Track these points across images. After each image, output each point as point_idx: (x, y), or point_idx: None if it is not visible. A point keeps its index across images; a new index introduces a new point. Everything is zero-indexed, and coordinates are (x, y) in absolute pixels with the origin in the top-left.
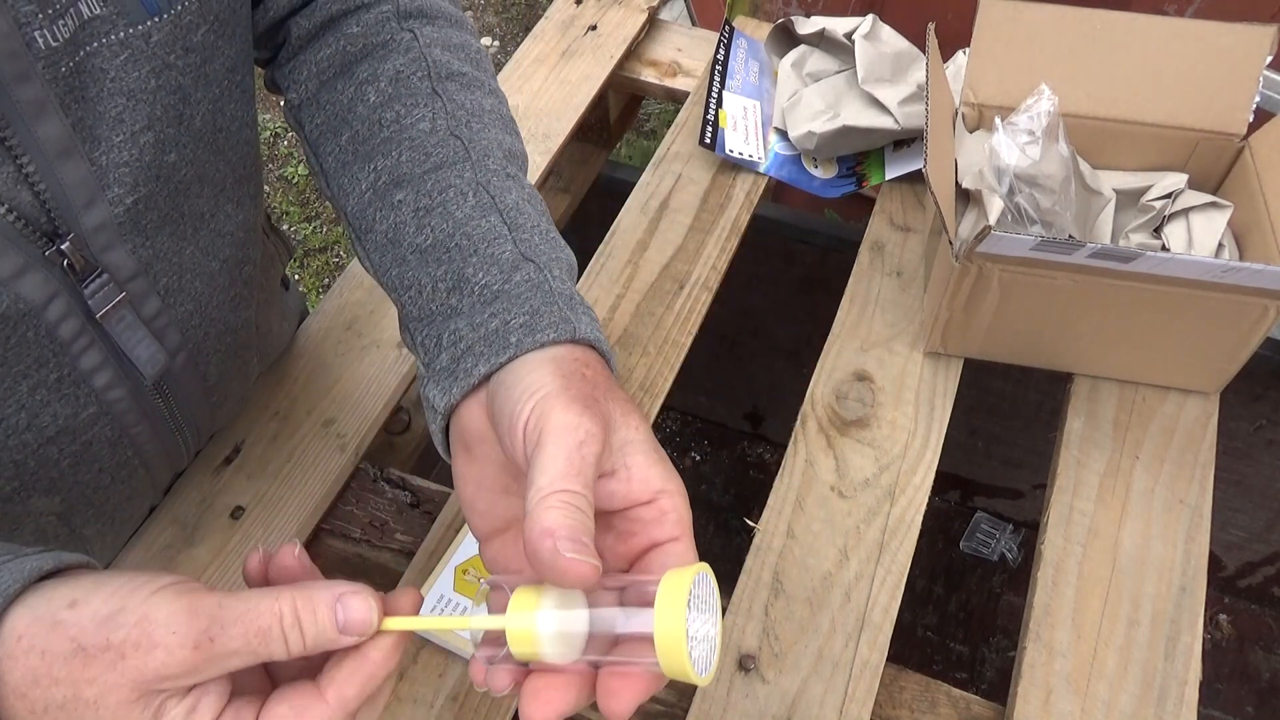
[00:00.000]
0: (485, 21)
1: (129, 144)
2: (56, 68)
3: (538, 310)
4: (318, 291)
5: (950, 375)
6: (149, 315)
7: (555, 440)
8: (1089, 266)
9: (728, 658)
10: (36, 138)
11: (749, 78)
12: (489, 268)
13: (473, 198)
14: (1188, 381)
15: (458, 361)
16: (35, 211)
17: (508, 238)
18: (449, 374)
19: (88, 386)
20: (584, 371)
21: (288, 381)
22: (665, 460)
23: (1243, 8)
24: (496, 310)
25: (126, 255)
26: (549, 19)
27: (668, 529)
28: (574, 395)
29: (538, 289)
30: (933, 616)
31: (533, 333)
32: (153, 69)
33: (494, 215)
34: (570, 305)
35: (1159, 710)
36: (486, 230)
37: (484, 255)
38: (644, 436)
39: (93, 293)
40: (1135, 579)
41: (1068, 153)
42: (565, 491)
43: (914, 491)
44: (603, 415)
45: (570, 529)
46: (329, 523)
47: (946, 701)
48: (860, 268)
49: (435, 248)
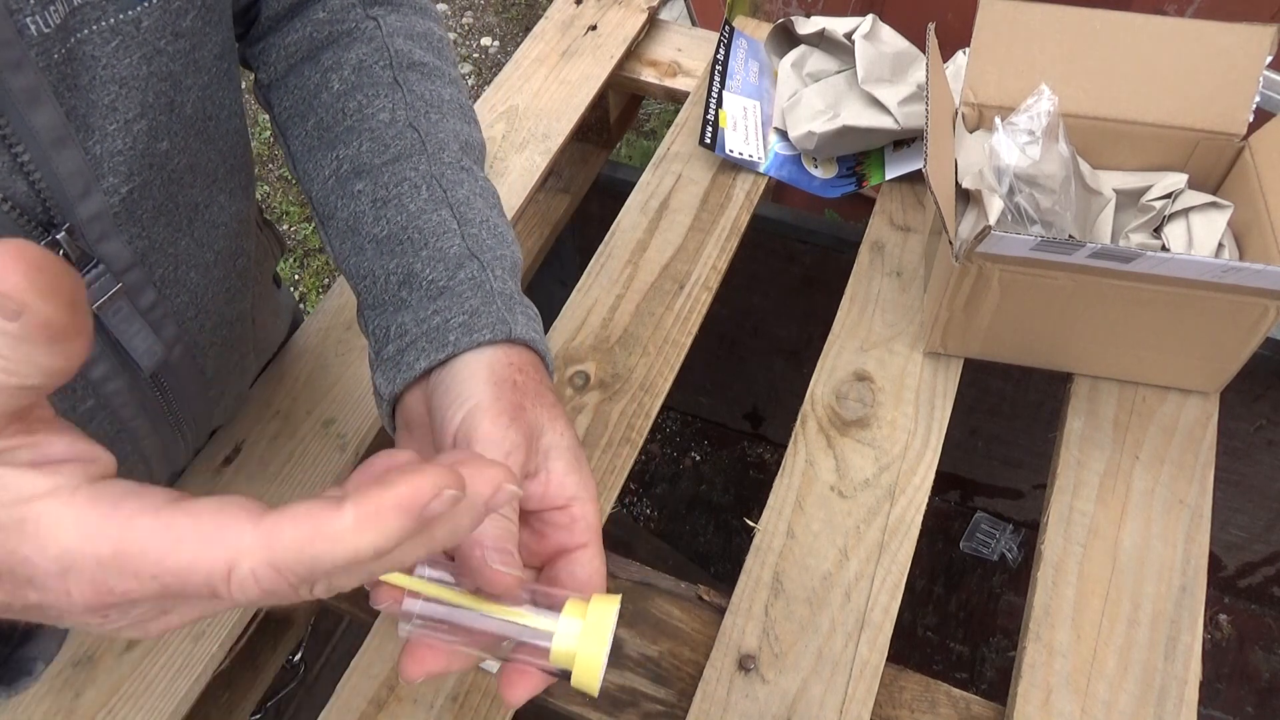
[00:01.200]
0: (485, 21)
1: (123, 132)
2: (49, 55)
3: (476, 310)
4: (317, 291)
5: (950, 375)
6: (145, 306)
7: (484, 450)
8: (1089, 266)
9: (728, 658)
10: (31, 127)
11: (749, 78)
12: (436, 263)
13: (426, 191)
14: (1188, 381)
15: (402, 354)
16: (31, 202)
17: (456, 232)
18: (394, 364)
19: (85, 379)
20: (515, 378)
21: (288, 381)
22: (583, 467)
23: (1243, 8)
24: (439, 308)
25: (122, 245)
26: (549, 19)
27: (577, 536)
28: (502, 407)
29: (479, 288)
30: (933, 616)
31: (470, 332)
32: (144, 55)
33: (445, 209)
34: (509, 305)
35: (1159, 710)
36: (437, 224)
37: (433, 249)
38: (567, 443)
39: (88, 283)
40: (1135, 579)
41: (1068, 153)
42: None
43: (914, 491)
44: (528, 425)
45: (496, 539)
46: None
47: (946, 701)
48: (860, 268)
49: (389, 239)
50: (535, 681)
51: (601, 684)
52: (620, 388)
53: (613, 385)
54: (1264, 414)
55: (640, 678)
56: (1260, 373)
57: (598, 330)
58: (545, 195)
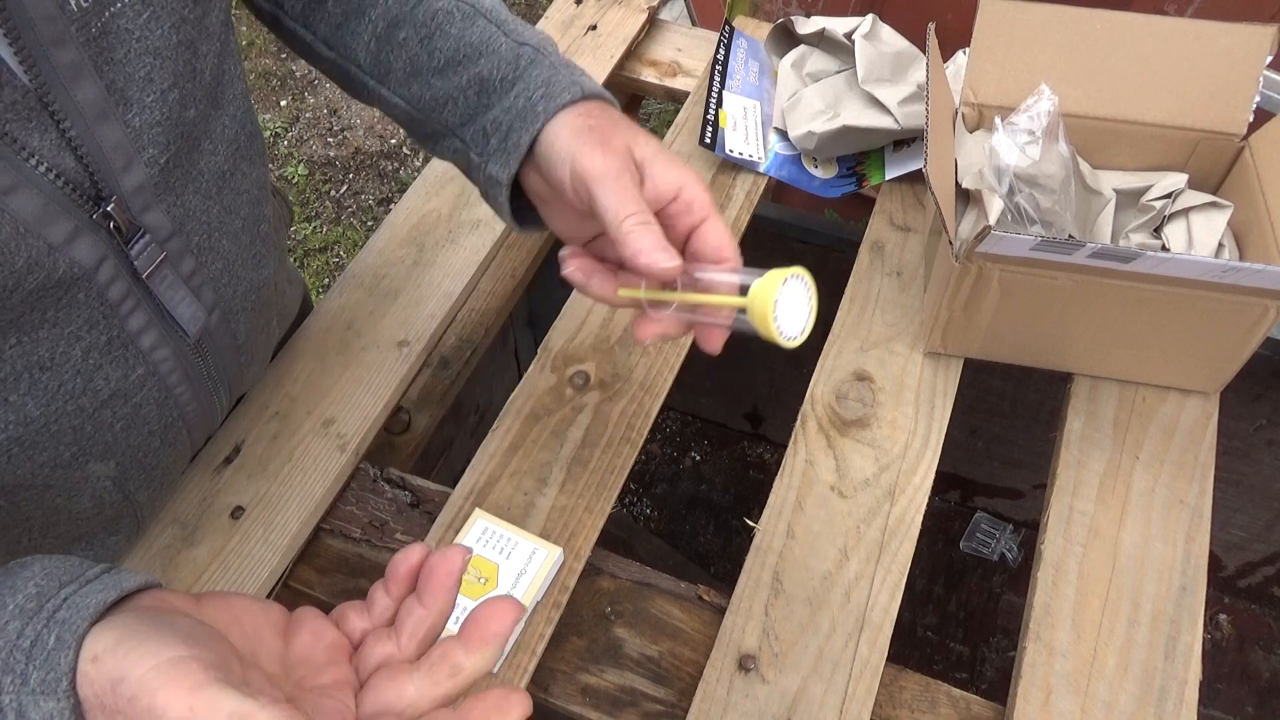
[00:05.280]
0: None
1: (159, 103)
2: (88, 29)
3: (549, 81)
4: (317, 291)
5: (950, 375)
6: (186, 274)
7: (599, 184)
8: (1089, 266)
9: (728, 658)
10: (76, 102)
11: (749, 78)
12: (498, 63)
13: (458, 13)
14: (1188, 381)
15: (505, 140)
16: (80, 176)
17: (499, 33)
18: (502, 152)
19: (135, 348)
20: (591, 123)
21: (288, 381)
22: (678, 162)
23: (1243, 8)
24: (519, 91)
25: (162, 215)
26: (549, 19)
27: (697, 213)
28: (592, 147)
29: (542, 65)
30: (933, 616)
31: (550, 99)
32: (172, 24)
33: (481, 20)
34: (570, 71)
35: (1159, 710)
36: (482, 34)
37: (489, 55)
38: (654, 148)
39: (138, 253)
40: (1135, 579)
41: (1068, 153)
42: (631, 215)
43: (914, 491)
44: (619, 149)
45: (651, 243)
46: (329, 523)
47: (946, 701)
48: (860, 268)
49: (449, 64)
50: (721, 333)
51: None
52: (620, 388)
53: (613, 385)
54: (1264, 414)
55: (640, 678)
56: (1260, 373)
57: (598, 330)
58: None
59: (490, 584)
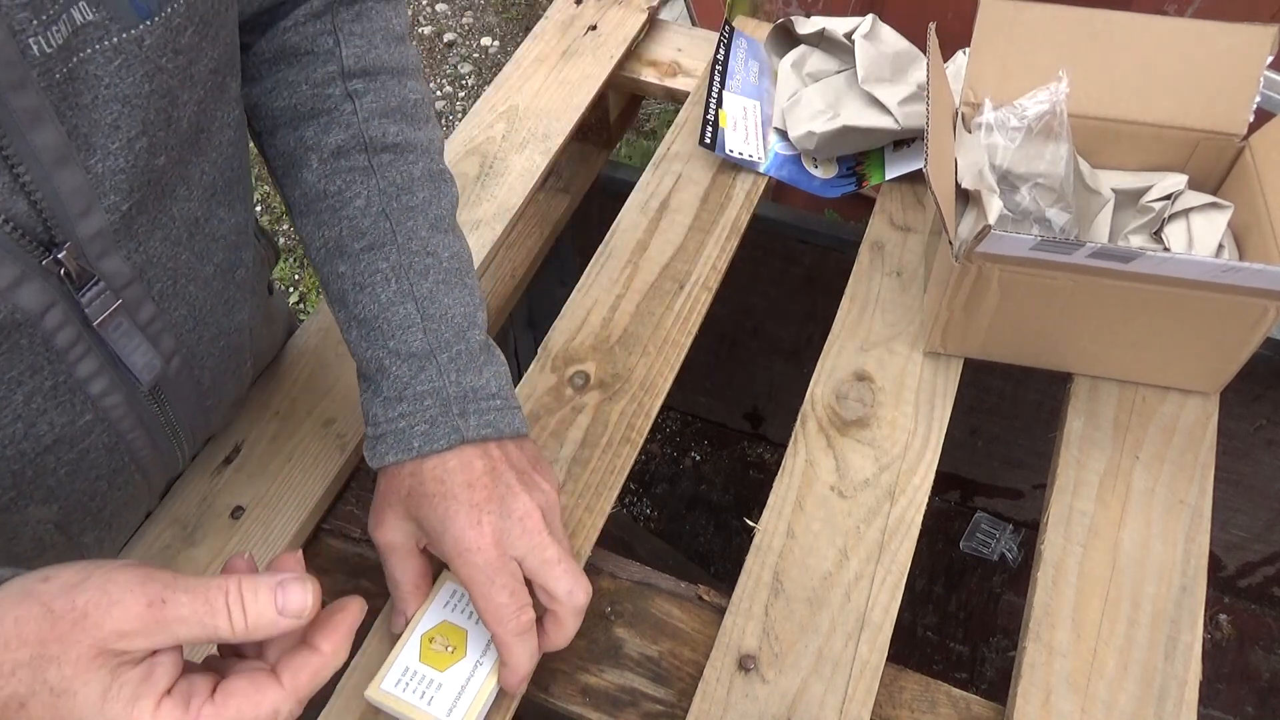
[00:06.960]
0: (485, 21)
1: (124, 151)
2: (51, 75)
3: (434, 420)
4: (317, 291)
5: (950, 375)
6: (144, 321)
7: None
8: (1089, 266)
9: (728, 658)
10: (33, 146)
11: (749, 78)
12: (401, 362)
13: (395, 284)
14: (1188, 382)
15: (375, 442)
16: (32, 221)
17: (419, 327)
18: (371, 443)
19: (84, 394)
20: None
21: (288, 381)
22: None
23: (1243, 8)
24: (403, 412)
25: (121, 262)
26: (549, 19)
27: None
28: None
29: (437, 397)
30: (933, 616)
31: (431, 441)
32: (145, 73)
33: (410, 304)
34: (462, 410)
35: (1159, 710)
36: (403, 319)
37: (399, 342)
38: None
39: (89, 300)
40: (1135, 579)
41: (1068, 153)
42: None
43: (914, 491)
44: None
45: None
46: (329, 523)
47: (946, 701)
48: (860, 268)
49: (366, 324)
50: None
51: None
52: (620, 388)
53: (613, 385)
54: (1264, 414)
55: (640, 678)
56: (1260, 373)
57: (598, 330)
58: (545, 195)
59: (459, 652)
